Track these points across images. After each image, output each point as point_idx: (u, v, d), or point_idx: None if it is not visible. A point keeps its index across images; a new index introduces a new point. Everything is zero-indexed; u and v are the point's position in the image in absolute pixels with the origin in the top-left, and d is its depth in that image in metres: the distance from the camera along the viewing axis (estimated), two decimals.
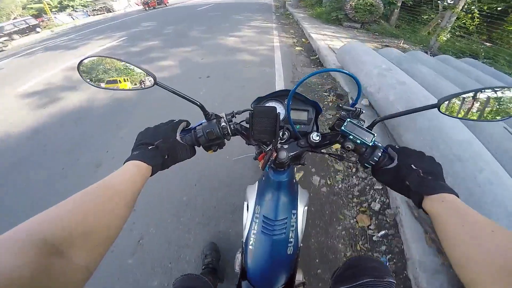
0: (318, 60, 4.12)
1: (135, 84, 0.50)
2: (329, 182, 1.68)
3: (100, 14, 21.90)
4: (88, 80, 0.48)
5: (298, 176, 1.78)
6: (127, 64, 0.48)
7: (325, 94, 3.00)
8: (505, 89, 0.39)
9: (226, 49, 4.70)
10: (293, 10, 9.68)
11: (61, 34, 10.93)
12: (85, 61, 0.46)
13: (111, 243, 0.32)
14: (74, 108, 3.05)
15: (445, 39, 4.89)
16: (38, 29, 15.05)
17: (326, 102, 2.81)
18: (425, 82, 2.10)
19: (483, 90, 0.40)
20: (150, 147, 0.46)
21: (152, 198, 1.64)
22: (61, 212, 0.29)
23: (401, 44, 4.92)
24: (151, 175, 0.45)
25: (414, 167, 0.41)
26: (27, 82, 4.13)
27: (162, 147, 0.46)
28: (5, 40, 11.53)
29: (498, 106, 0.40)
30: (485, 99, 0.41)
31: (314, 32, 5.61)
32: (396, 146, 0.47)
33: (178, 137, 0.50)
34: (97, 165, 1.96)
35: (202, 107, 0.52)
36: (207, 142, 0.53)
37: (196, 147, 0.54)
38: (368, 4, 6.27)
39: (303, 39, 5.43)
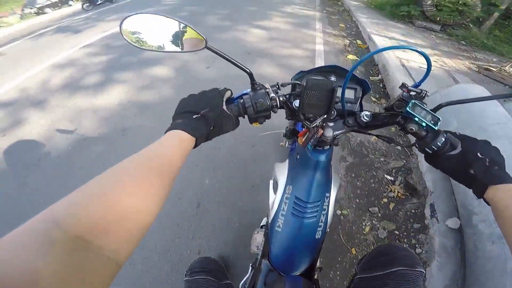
0: (382, 85, 2.60)
1: (183, 46, 0.43)
2: None
3: None
4: (132, 42, 0.41)
5: None
6: (176, 22, 0.41)
7: (388, 177, 1.60)
8: None
9: (245, 51, 3.27)
10: None
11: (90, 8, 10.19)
12: (128, 19, 0.39)
13: (146, 230, 0.27)
14: (25, 150, 2.05)
15: None
16: (70, 2, 14.64)
17: (385, 195, 1.48)
18: None
19: None
20: (195, 116, 0.40)
21: None
22: (86, 196, 0.23)
23: (508, 68, 3.09)
24: (194, 147, 0.39)
25: (480, 156, 0.38)
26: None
27: (209, 116, 0.41)
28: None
29: None
30: None
31: (376, 33, 3.92)
32: (457, 133, 0.44)
33: (224, 107, 0.45)
34: None
35: (251, 75, 0.47)
36: (255, 114, 0.48)
37: (240, 118, 0.49)
38: (460, 2, 4.35)
39: (358, 41, 3.80)
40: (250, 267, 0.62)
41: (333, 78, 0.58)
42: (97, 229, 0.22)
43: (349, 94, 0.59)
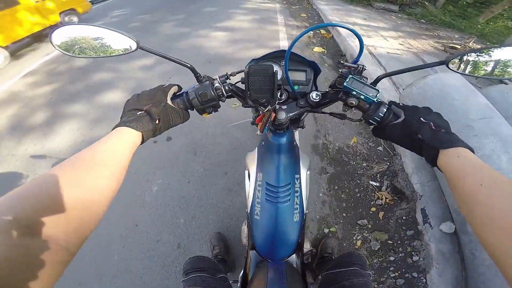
0: None
1: (117, 50, 0.45)
2: None
3: None
4: (64, 51, 0.44)
5: None
6: (105, 30, 0.43)
7: (373, 184, 1.53)
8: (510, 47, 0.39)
9: (206, 59, 3.02)
10: None
11: None
12: (57, 31, 0.43)
13: (97, 221, 0.29)
14: None
15: None
16: None
17: (373, 204, 1.44)
18: None
19: (490, 50, 0.40)
20: (139, 112, 0.42)
21: None
22: (33, 189, 0.26)
23: (472, 44, 3.17)
24: (141, 143, 0.41)
25: (423, 120, 0.39)
26: None
27: (152, 111, 0.42)
28: None
29: (503, 65, 0.41)
30: (491, 58, 0.41)
31: (338, 20, 3.87)
32: (400, 104, 0.45)
33: (169, 101, 0.47)
34: None
35: (192, 69, 0.48)
36: (200, 105, 0.50)
37: (190, 110, 0.51)
38: None
39: (322, 31, 3.70)
40: (244, 259, 0.63)
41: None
42: (44, 218, 0.23)
43: (300, 76, 0.60)
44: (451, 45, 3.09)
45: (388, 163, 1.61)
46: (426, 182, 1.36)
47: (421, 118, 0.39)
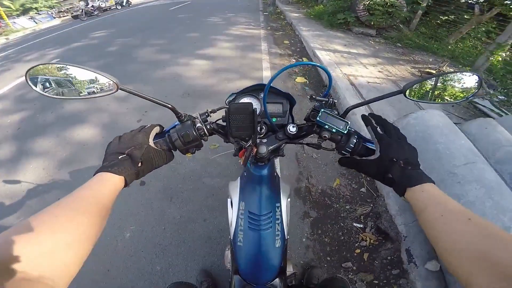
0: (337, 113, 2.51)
1: (95, 91, 0.44)
2: None
3: (65, 16, 19.32)
4: (39, 90, 0.41)
5: None
6: (84, 70, 0.42)
7: (357, 226, 1.51)
8: (464, 73, 0.43)
9: (185, 91, 2.93)
10: (284, 8, 7.93)
11: (10, 45, 8.97)
12: (33, 69, 0.40)
13: (82, 261, 0.31)
14: None
15: (500, 59, 3.30)
16: None
17: (357, 246, 1.41)
18: None
19: (443, 76, 0.44)
20: (121, 156, 0.42)
21: None
22: (18, 234, 0.27)
23: (444, 68, 3.33)
24: (125, 186, 0.42)
25: (395, 160, 0.41)
26: None
27: (134, 155, 0.43)
28: None
29: (458, 89, 0.43)
30: (446, 84, 0.43)
31: (319, 47, 3.97)
32: (379, 130, 0.46)
33: (151, 143, 0.47)
34: None
35: (173, 109, 0.49)
36: (183, 145, 0.50)
37: (173, 151, 0.51)
38: (388, 4, 4.67)
39: (304, 59, 3.78)
40: (229, 283, 0.66)
41: (262, 95, 0.62)
42: (30, 262, 0.25)
43: (277, 108, 0.63)
44: (427, 70, 3.22)
45: (371, 205, 1.58)
46: (411, 222, 1.34)
47: (394, 158, 0.41)
